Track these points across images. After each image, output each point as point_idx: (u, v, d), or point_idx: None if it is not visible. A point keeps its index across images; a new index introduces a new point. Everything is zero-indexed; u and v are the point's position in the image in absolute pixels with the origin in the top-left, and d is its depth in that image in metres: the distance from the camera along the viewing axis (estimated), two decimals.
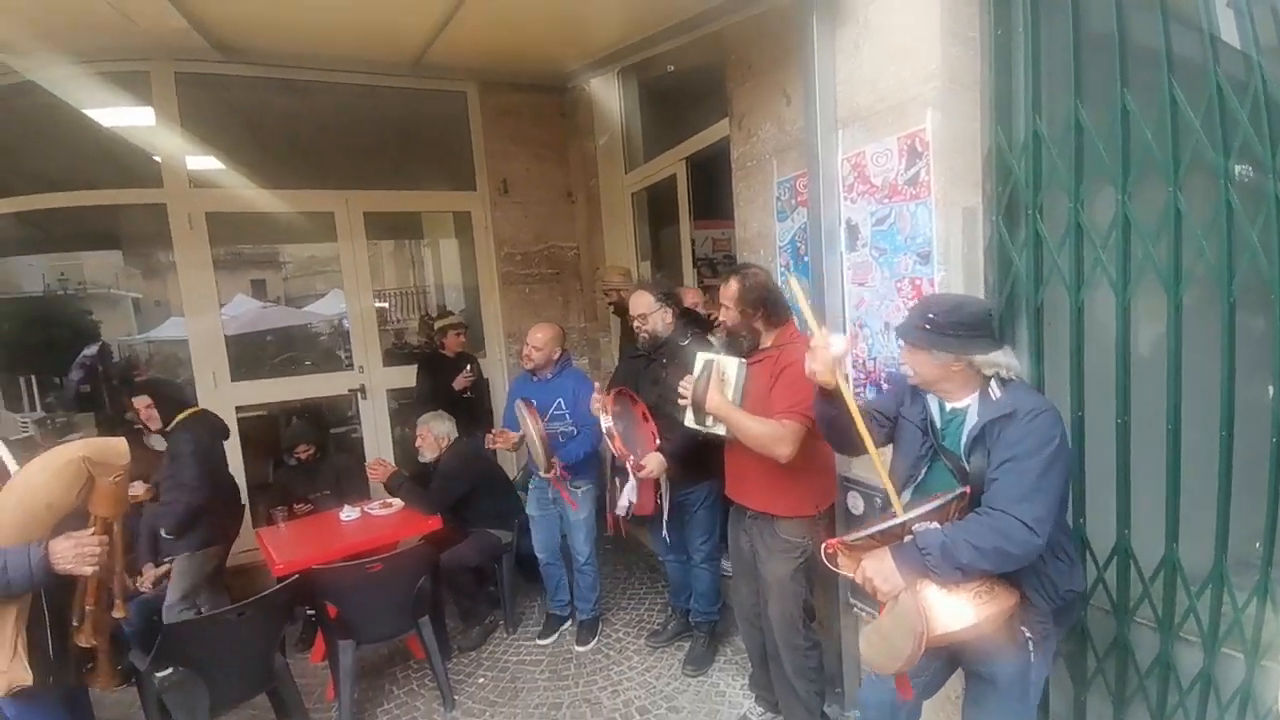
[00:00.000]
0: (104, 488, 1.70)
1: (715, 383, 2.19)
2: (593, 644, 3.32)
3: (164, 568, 3.23)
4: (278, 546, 3.07)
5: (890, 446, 1.79)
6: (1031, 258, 1.97)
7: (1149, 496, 1.80)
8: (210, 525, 3.17)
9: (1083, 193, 1.84)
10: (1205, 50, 1.56)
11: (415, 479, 3.50)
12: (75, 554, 1.63)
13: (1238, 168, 1.57)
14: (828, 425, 1.78)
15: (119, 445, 1.74)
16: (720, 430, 2.24)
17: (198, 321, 4.08)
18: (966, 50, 1.97)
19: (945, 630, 1.43)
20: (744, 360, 2.24)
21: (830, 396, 1.68)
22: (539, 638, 3.41)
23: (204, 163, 3.98)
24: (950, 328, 1.52)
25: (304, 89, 4.10)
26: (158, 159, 3.86)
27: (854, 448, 1.75)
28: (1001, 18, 1.95)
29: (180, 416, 3.15)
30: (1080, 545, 1.96)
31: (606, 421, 2.64)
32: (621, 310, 4.03)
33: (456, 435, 3.54)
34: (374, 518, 3.42)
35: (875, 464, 1.64)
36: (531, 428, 2.97)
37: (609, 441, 2.66)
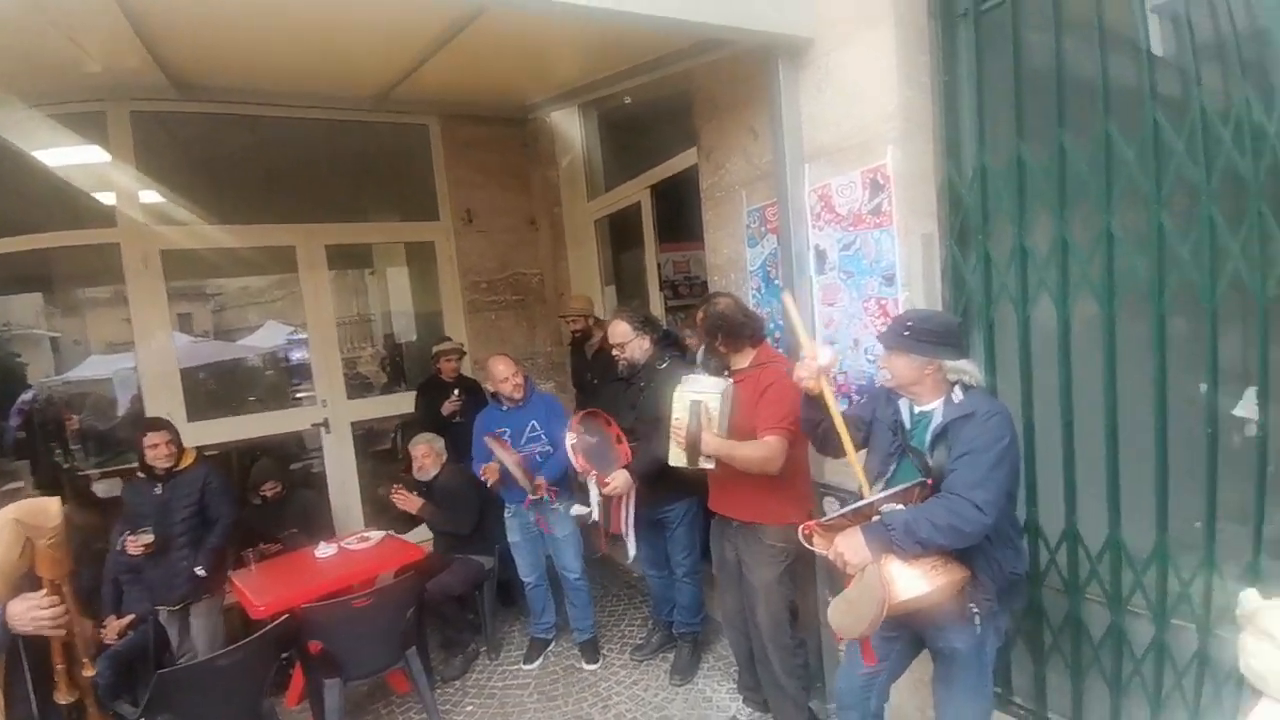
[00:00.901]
0: (41, 550, 1.70)
1: (705, 425, 2.28)
2: (600, 662, 3.35)
3: (126, 618, 3.14)
4: (254, 589, 3.00)
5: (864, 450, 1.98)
6: (982, 278, 2.21)
7: (1095, 486, 2.03)
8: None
9: (1026, 220, 2.09)
10: (1142, 82, 1.79)
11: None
12: (30, 616, 1.63)
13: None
14: (813, 428, 1.98)
15: (50, 506, 1.74)
16: (710, 465, 2.34)
17: (151, 359, 3.97)
18: (919, 94, 2.21)
19: (905, 598, 1.63)
20: (726, 388, 2.34)
21: (816, 401, 1.88)
22: (523, 663, 3.42)
23: (158, 200, 3.91)
24: (925, 335, 1.75)
25: (263, 124, 4.09)
26: (111, 198, 3.77)
27: (835, 449, 1.93)
28: (949, 65, 2.21)
29: (189, 453, 3.15)
30: (1034, 531, 2.19)
31: (570, 438, 2.74)
32: (580, 340, 4.13)
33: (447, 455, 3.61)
34: (352, 552, 3.38)
35: (850, 458, 1.84)
36: (507, 458, 3.02)
37: (571, 457, 2.74)
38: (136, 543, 2.92)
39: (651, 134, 4.03)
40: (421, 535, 3.81)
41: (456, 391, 4.08)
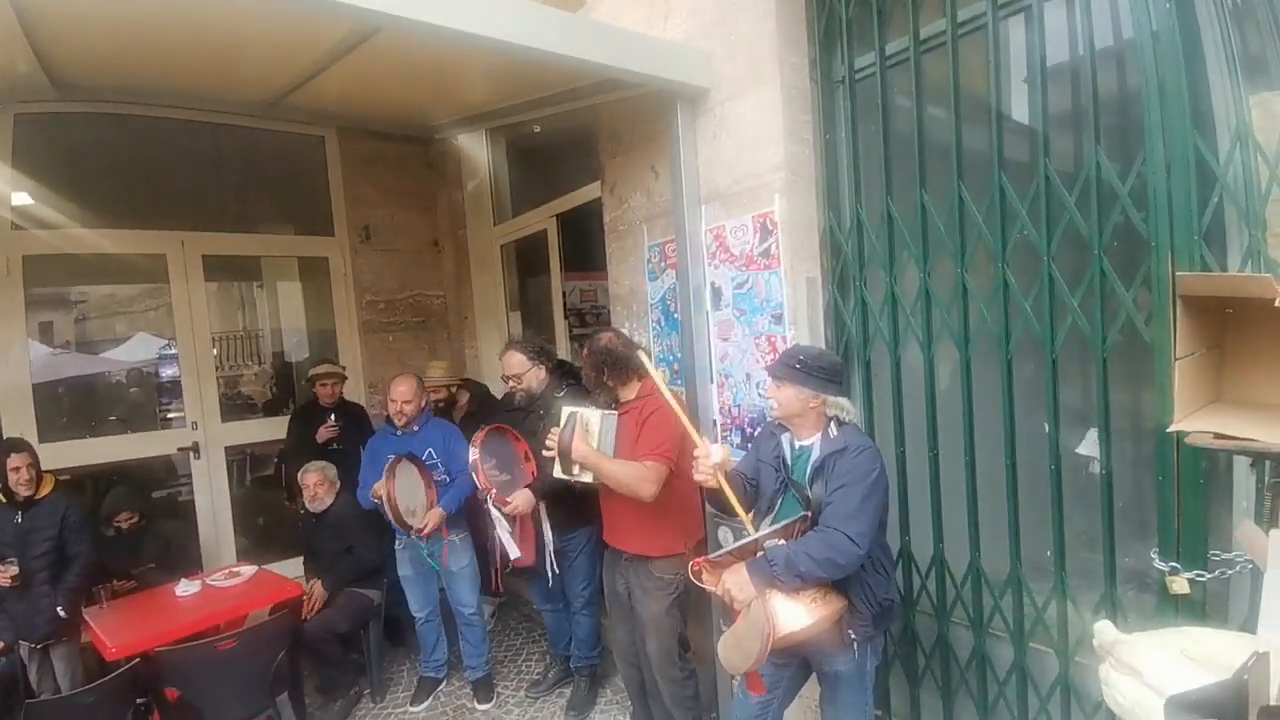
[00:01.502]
0: None
1: (580, 433, 2.34)
2: (494, 701, 3.24)
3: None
4: (106, 630, 2.70)
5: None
6: (860, 320, 2.38)
7: (959, 515, 2.20)
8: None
9: (896, 269, 2.27)
10: (993, 152, 2.00)
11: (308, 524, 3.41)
12: None
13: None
14: (712, 503, 2.06)
15: None
16: (587, 478, 2.37)
17: (4, 375, 3.53)
18: (803, 149, 2.38)
19: (788, 630, 1.70)
20: (610, 411, 2.42)
21: (714, 491, 1.94)
22: (411, 704, 3.26)
23: (27, 203, 3.57)
24: (815, 370, 1.85)
25: (141, 125, 3.81)
26: None
27: (733, 514, 1.99)
28: (829, 124, 2.40)
29: (47, 480, 2.93)
30: (906, 558, 2.34)
31: (473, 453, 2.69)
32: (445, 408, 3.94)
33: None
34: (218, 589, 3.12)
35: (747, 525, 1.90)
36: (384, 492, 2.89)
37: (473, 475, 2.70)
38: (4, 573, 2.69)
39: (559, 164, 4.06)
40: (290, 571, 3.58)
41: (333, 416, 3.89)
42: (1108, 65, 1.85)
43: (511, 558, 2.77)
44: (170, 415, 4.99)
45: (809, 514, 1.82)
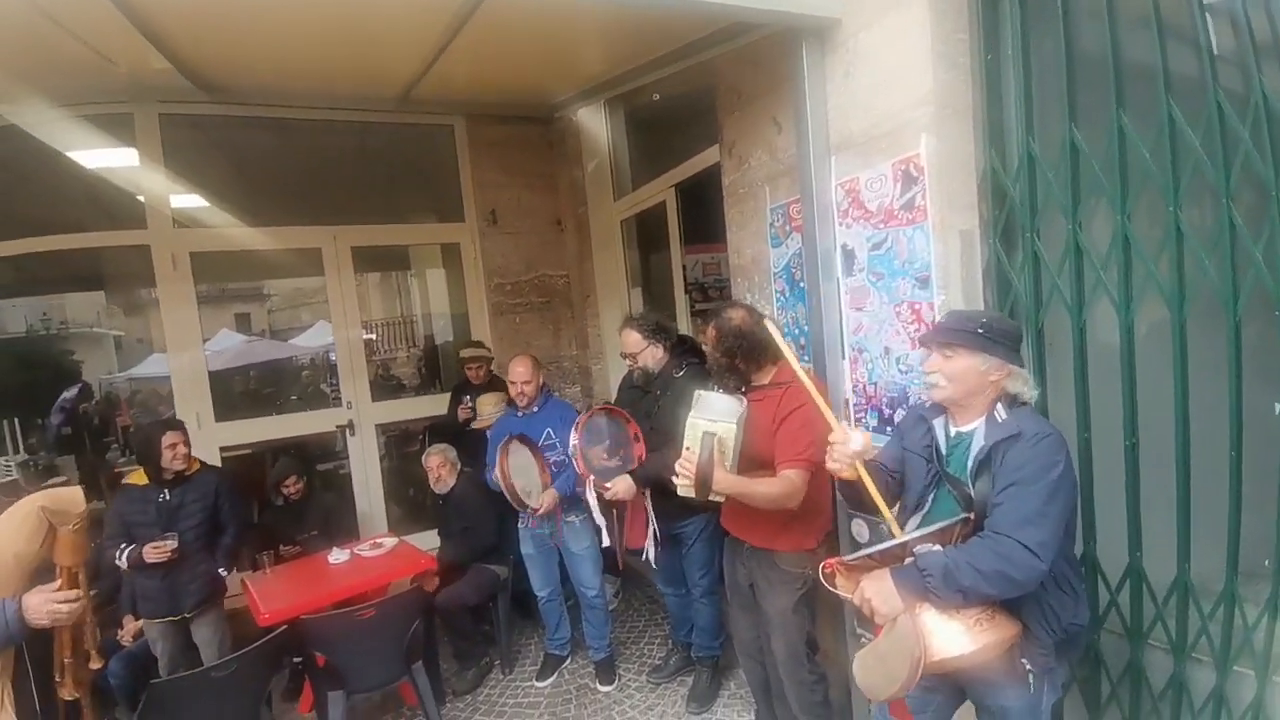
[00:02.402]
0: (64, 536, 1.72)
1: (718, 460, 2.04)
2: (615, 684, 3.20)
3: (140, 622, 3.09)
4: (263, 594, 2.95)
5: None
6: (1031, 279, 1.96)
7: (1159, 517, 1.77)
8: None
9: (1080, 213, 1.84)
10: (1203, 66, 1.56)
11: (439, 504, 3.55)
12: (47, 608, 1.64)
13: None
14: (847, 497, 1.78)
15: (75, 494, 1.80)
16: (719, 499, 2.14)
17: (181, 362, 3.99)
18: (957, 75, 1.98)
19: (943, 656, 1.40)
20: (743, 401, 2.14)
21: (850, 482, 1.65)
22: (537, 679, 3.30)
23: (188, 202, 3.94)
24: (1001, 336, 1.53)
25: (288, 126, 4.09)
26: (141, 199, 3.82)
27: (873, 511, 1.70)
28: (991, 43, 1.97)
29: (194, 461, 3.10)
30: (1092, 569, 1.93)
31: (574, 438, 2.60)
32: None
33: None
34: (364, 559, 3.32)
35: (892, 528, 1.61)
36: (502, 477, 2.88)
37: (573, 460, 2.61)
38: (160, 549, 2.80)
39: (677, 131, 3.86)
40: (431, 542, 3.74)
41: (467, 398, 4.00)
42: None
43: (602, 544, 2.69)
44: (339, 395, 5.49)
45: (971, 515, 1.49)
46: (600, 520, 2.70)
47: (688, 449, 2.07)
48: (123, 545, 2.85)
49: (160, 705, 2.21)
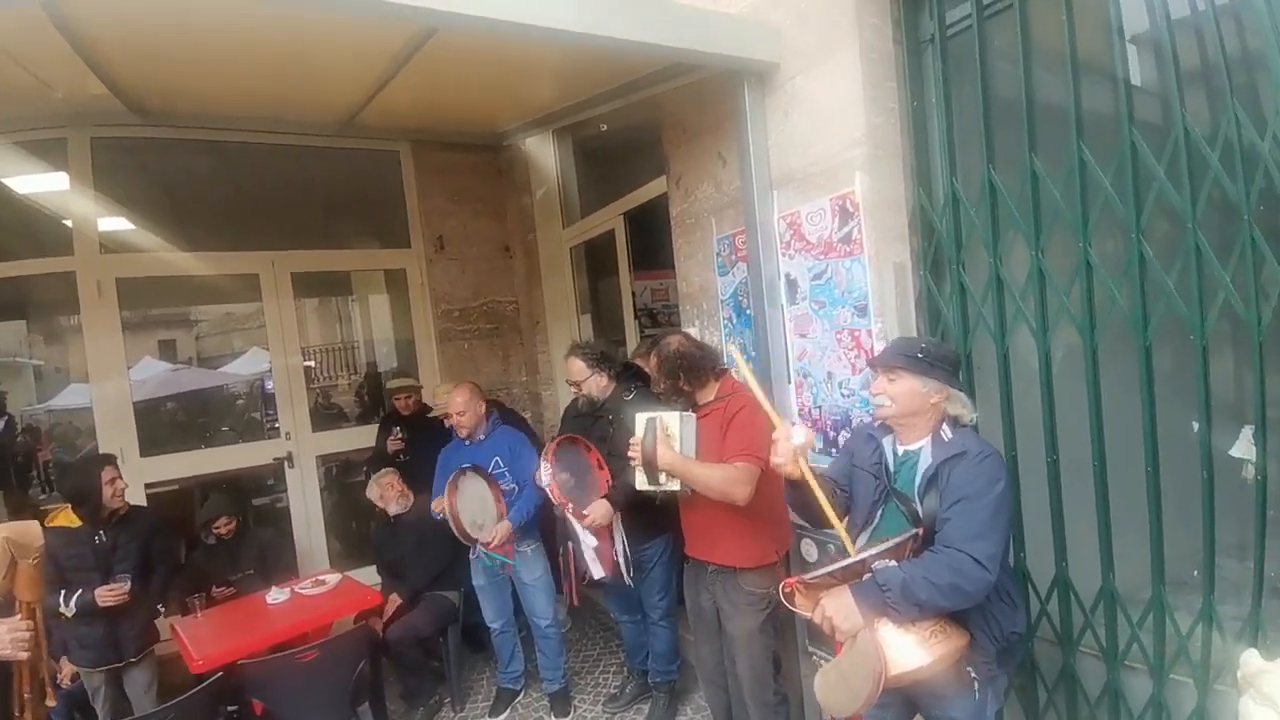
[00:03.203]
0: (24, 570, 1.74)
1: (662, 439, 2.18)
2: (571, 716, 3.15)
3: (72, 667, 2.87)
4: (195, 639, 2.79)
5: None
6: (959, 308, 2.10)
7: (1085, 529, 1.90)
8: None
9: (1000, 248, 1.99)
10: (1119, 102, 1.70)
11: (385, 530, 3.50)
12: (11, 638, 1.67)
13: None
14: (794, 505, 1.81)
15: (34, 528, 1.82)
16: (674, 486, 2.23)
17: (104, 391, 3.79)
18: (887, 119, 2.13)
19: (902, 670, 1.45)
20: (688, 414, 2.26)
21: (796, 484, 1.69)
22: (489, 715, 3.22)
23: (116, 226, 3.79)
24: (941, 360, 1.61)
25: (226, 150, 4.00)
26: (68, 224, 3.67)
27: (820, 521, 1.76)
28: (916, 89, 2.13)
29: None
30: (1022, 579, 2.04)
31: (546, 472, 2.59)
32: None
33: None
34: (305, 597, 3.19)
35: (842, 536, 1.67)
36: (447, 506, 2.83)
37: (549, 492, 2.60)
38: (113, 591, 2.63)
39: (625, 161, 3.96)
40: (376, 578, 3.64)
41: (397, 429, 3.97)
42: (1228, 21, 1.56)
43: (595, 576, 2.66)
44: (276, 425, 5.28)
45: (920, 530, 1.57)
46: (591, 550, 2.65)
47: (634, 438, 2.21)
48: (62, 591, 2.61)
49: None
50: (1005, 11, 1.93)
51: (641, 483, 2.27)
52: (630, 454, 2.24)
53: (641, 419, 2.23)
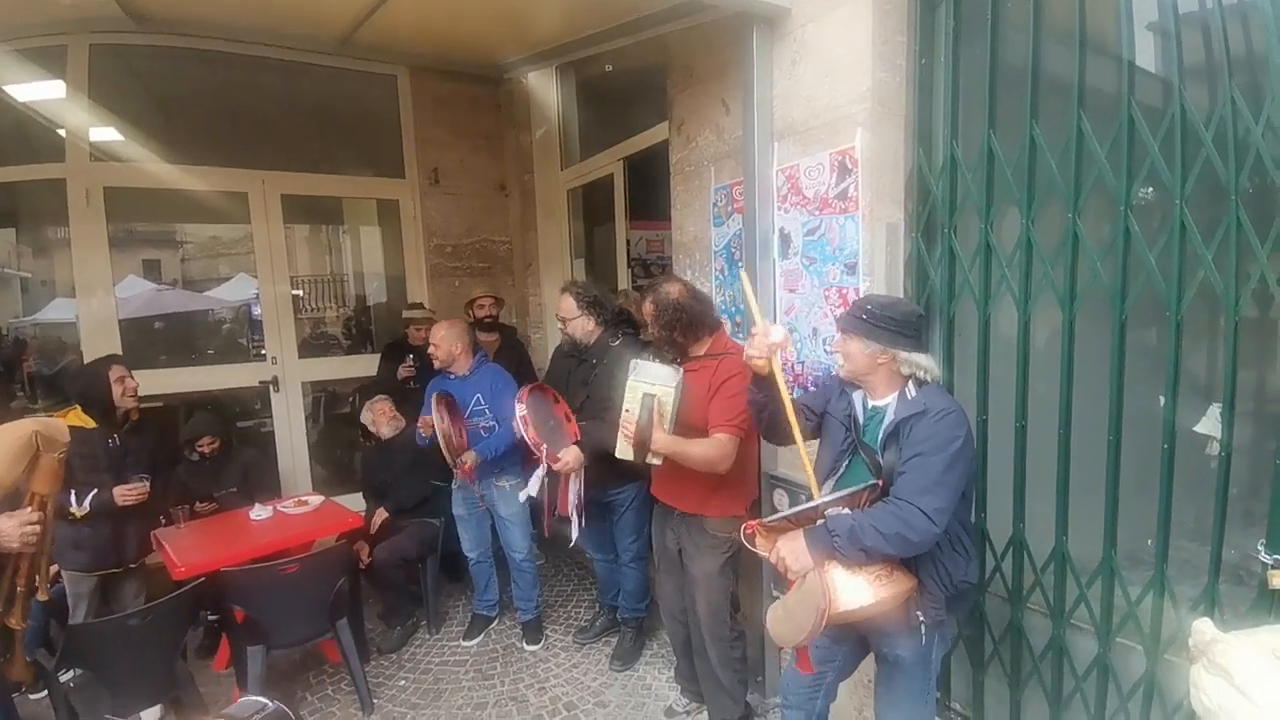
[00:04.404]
0: (47, 464, 1.76)
1: (658, 423, 2.16)
2: (542, 643, 3.28)
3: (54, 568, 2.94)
4: (177, 549, 2.85)
5: (815, 441, 1.89)
6: (946, 273, 2.12)
7: (1046, 494, 1.98)
8: None
9: (993, 215, 2.00)
10: (1122, 79, 1.70)
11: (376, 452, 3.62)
12: (20, 531, 1.68)
13: (1142, 191, 1.74)
14: (760, 410, 1.88)
15: (62, 424, 1.87)
16: (657, 461, 2.24)
17: (90, 306, 3.77)
18: (894, 76, 2.10)
19: (846, 608, 1.55)
20: (679, 370, 2.24)
21: (765, 382, 1.78)
22: (464, 639, 3.35)
23: (108, 135, 3.71)
24: (883, 321, 1.64)
25: (221, 62, 3.87)
26: (62, 133, 3.60)
27: (783, 436, 1.84)
28: (926, 47, 2.10)
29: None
30: (980, 537, 2.13)
31: (520, 409, 2.62)
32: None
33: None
34: (288, 516, 3.26)
35: (800, 450, 1.75)
36: (439, 425, 2.91)
37: (522, 430, 2.62)
38: (132, 491, 2.64)
39: (627, 104, 3.88)
40: (359, 505, 3.72)
41: (411, 356, 3.97)
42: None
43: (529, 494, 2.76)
44: (263, 351, 5.27)
45: (879, 482, 1.64)
46: (535, 489, 2.73)
47: (628, 411, 2.18)
48: (73, 492, 2.56)
49: (78, 649, 2.17)
50: None
51: (623, 452, 2.25)
52: (623, 431, 2.20)
53: (635, 392, 2.17)
